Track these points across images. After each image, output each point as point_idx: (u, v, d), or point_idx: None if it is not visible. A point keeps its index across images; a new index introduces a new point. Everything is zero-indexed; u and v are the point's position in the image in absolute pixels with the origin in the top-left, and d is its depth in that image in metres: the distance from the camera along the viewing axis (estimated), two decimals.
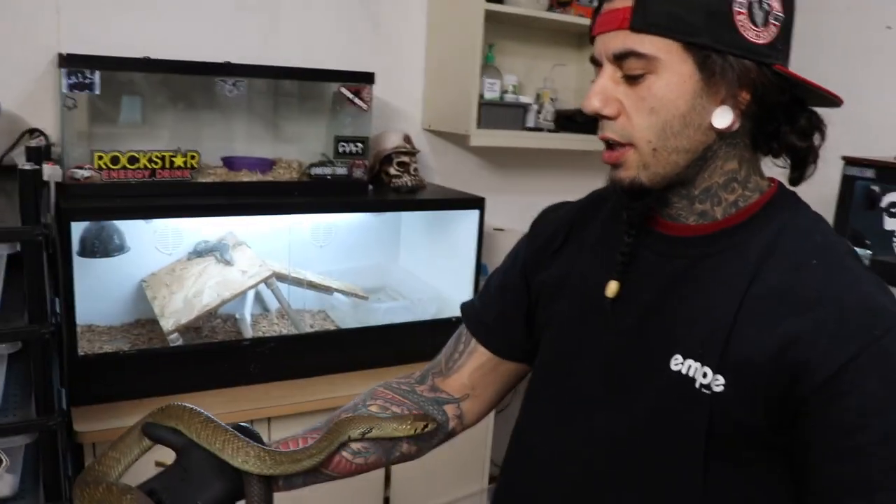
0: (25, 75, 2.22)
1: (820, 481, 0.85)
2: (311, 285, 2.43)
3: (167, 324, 2.16)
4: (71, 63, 2.01)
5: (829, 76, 3.07)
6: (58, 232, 1.89)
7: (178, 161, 2.12)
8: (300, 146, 2.45)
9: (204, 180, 2.18)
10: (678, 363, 0.92)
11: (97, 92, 2.06)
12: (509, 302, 1.17)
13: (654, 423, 0.93)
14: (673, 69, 0.87)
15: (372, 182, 2.49)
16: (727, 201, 0.95)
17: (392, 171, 2.51)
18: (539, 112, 2.85)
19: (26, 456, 1.61)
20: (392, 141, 2.57)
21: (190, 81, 2.29)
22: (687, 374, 0.91)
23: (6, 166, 2.12)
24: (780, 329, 0.86)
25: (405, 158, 2.53)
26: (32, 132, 2.18)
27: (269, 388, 2.18)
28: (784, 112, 0.92)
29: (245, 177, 2.26)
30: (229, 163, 2.30)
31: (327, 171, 2.34)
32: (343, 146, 2.34)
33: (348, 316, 2.48)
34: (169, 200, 2.11)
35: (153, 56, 2.16)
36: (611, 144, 0.93)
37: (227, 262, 2.31)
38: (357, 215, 2.60)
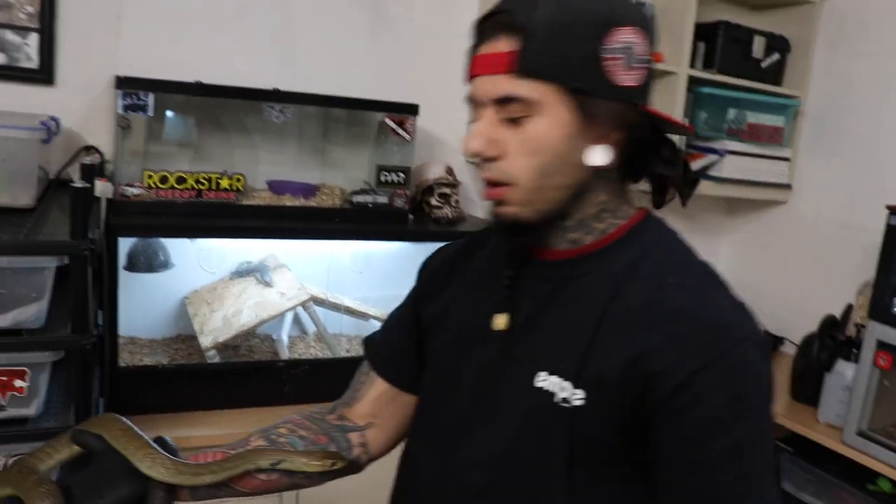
0: (85, 95, 2.31)
1: (668, 492, 0.90)
2: (349, 311, 2.46)
3: (206, 341, 2.21)
4: (127, 85, 2.09)
5: (880, 121, 3.03)
6: (106, 246, 1.95)
7: (225, 183, 2.18)
8: (344, 173, 2.49)
9: (248, 203, 2.24)
10: (542, 380, 0.96)
11: (150, 114, 2.13)
12: (403, 335, 1.22)
13: (522, 440, 0.97)
14: (552, 112, 0.91)
15: (412, 212, 2.52)
16: (597, 229, 1.00)
17: (433, 201, 2.54)
18: None
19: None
20: (434, 172, 2.60)
21: (239, 106, 2.36)
22: (548, 390, 0.95)
23: (63, 180, 2.20)
24: (634, 343, 0.90)
25: (447, 190, 2.56)
26: (88, 149, 2.26)
27: (302, 409, 2.19)
28: (649, 145, 1.00)
29: (288, 201, 2.31)
30: (274, 186, 2.36)
31: (368, 199, 2.38)
32: (385, 175, 2.38)
33: None
34: (214, 221, 2.17)
35: (205, 80, 2.24)
36: (493, 182, 0.97)
37: (267, 284, 2.36)
38: (396, 244, 2.62)
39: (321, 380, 2.26)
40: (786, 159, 3.08)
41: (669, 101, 2.78)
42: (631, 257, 0.98)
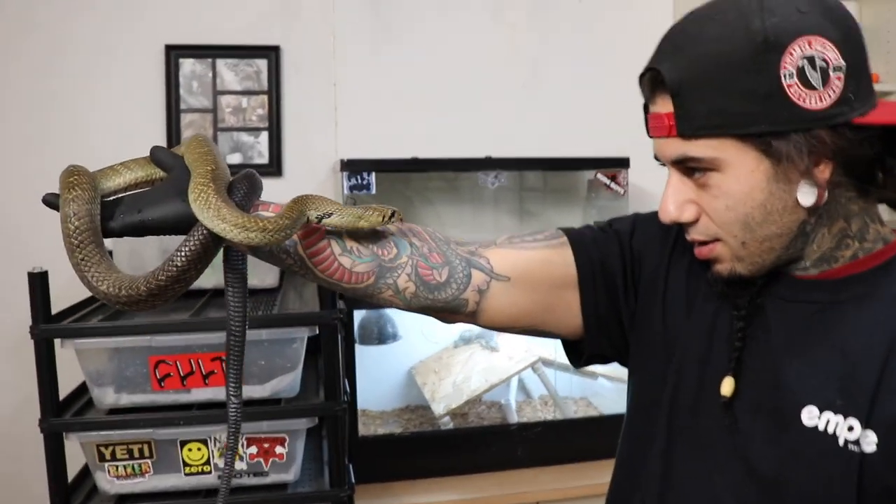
0: (310, 182, 2.47)
1: None
2: (576, 370, 2.44)
3: (438, 408, 2.25)
4: (350, 167, 2.22)
5: None
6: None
7: None
8: None
9: None
10: (813, 417, 0.81)
11: (373, 192, 2.24)
12: (622, 257, 1.01)
13: (795, 490, 0.82)
14: (736, 163, 0.80)
15: None
16: (845, 256, 0.85)
17: None
18: None
19: None
20: None
21: (453, 176, 2.44)
22: (825, 431, 0.80)
23: None
24: None
25: None
26: None
27: (537, 472, 2.19)
28: (885, 153, 0.82)
29: None
30: None
31: None
32: None
33: (613, 402, 2.45)
34: None
35: (419, 155, 2.34)
36: (701, 242, 0.88)
37: (493, 349, 2.38)
38: None
39: (554, 441, 2.24)
40: None
41: None
42: None
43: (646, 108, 0.88)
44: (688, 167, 0.84)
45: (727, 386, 0.88)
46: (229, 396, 0.91)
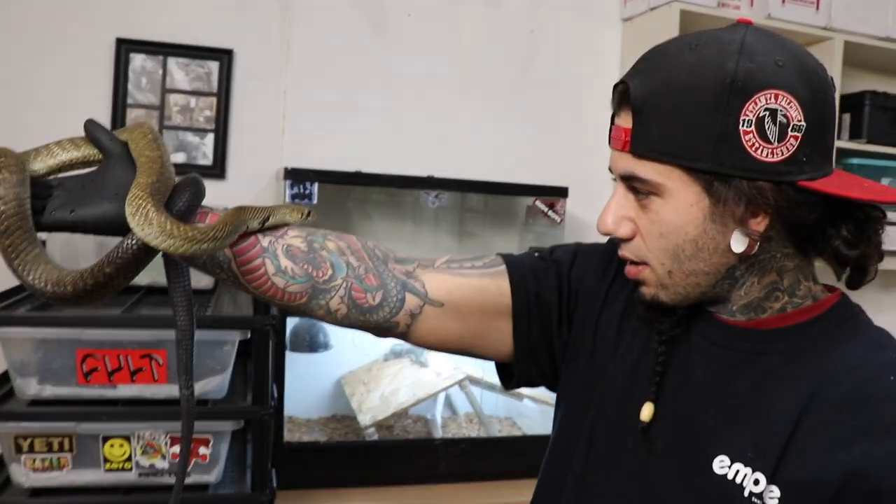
0: (252, 187, 2.47)
1: None
2: (504, 390, 2.48)
3: (364, 419, 2.27)
4: (294, 176, 2.24)
5: None
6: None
7: None
8: None
9: None
10: (724, 466, 0.83)
11: (315, 202, 2.27)
12: (559, 288, 1.02)
13: None
14: (678, 194, 0.82)
15: None
16: (772, 308, 0.87)
17: None
18: None
19: None
20: None
21: (396, 192, 2.48)
22: (734, 480, 0.82)
23: None
24: (851, 453, 0.76)
25: None
26: None
27: (458, 488, 2.22)
28: (826, 221, 0.82)
29: None
30: None
31: None
32: None
33: (537, 423, 2.50)
34: None
35: (364, 170, 2.37)
36: (630, 261, 0.90)
37: (423, 364, 2.41)
38: None
39: (477, 459, 2.27)
40: None
41: None
42: (835, 342, 0.84)
43: (613, 118, 0.88)
44: (633, 186, 0.85)
45: (647, 411, 0.90)
46: (181, 390, 0.91)
